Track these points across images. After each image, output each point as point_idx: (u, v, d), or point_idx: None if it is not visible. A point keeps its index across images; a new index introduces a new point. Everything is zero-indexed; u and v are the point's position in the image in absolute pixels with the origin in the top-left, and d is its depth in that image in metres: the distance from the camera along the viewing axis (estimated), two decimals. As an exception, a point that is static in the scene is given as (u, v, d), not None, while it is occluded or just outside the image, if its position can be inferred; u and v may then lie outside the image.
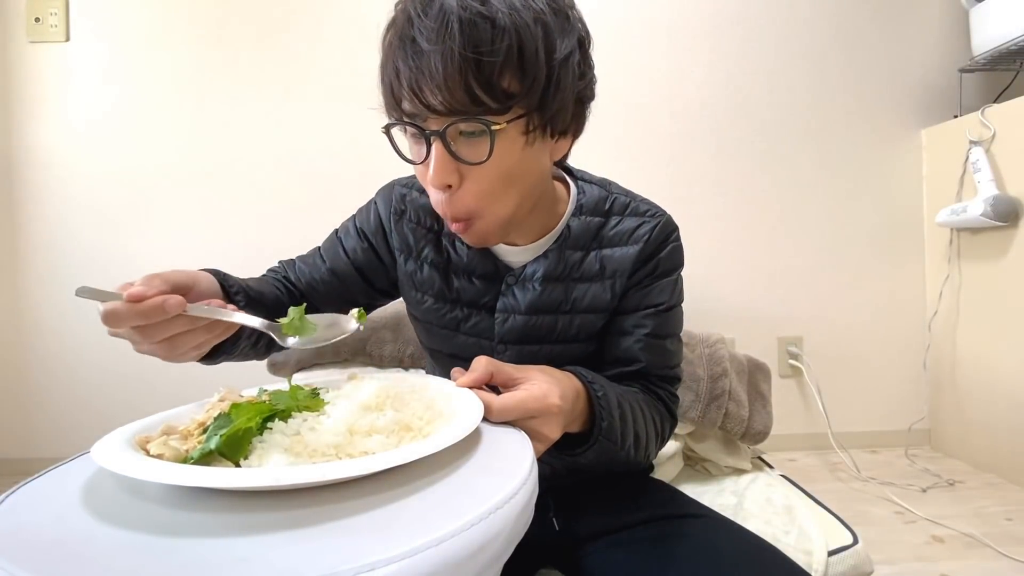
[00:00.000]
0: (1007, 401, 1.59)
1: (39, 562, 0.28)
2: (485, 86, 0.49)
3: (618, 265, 0.66)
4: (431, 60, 0.49)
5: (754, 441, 1.12)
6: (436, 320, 0.70)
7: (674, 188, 1.85)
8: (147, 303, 0.44)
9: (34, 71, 1.78)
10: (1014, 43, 1.60)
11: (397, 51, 0.52)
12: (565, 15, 0.54)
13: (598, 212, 0.68)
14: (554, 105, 0.53)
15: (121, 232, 1.79)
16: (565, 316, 0.66)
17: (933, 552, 1.26)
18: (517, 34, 0.49)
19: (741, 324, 1.85)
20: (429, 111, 0.51)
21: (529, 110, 0.52)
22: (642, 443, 0.62)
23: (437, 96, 0.50)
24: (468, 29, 0.48)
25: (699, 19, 1.84)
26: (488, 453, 0.41)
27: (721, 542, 0.59)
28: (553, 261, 0.66)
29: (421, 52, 0.49)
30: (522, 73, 0.51)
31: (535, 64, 0.51)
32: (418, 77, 0.50)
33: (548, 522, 0.68)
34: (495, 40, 0.49)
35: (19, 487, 0.38)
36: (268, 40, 1.80)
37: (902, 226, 1.89)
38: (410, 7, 0.51)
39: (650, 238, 0.66)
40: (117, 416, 1.92)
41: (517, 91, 0.51)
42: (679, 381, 0.71)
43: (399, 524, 0.31)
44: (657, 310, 0.67)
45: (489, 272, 0.68)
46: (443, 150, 0.52)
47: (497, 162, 0.53)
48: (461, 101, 0.50)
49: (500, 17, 0.49)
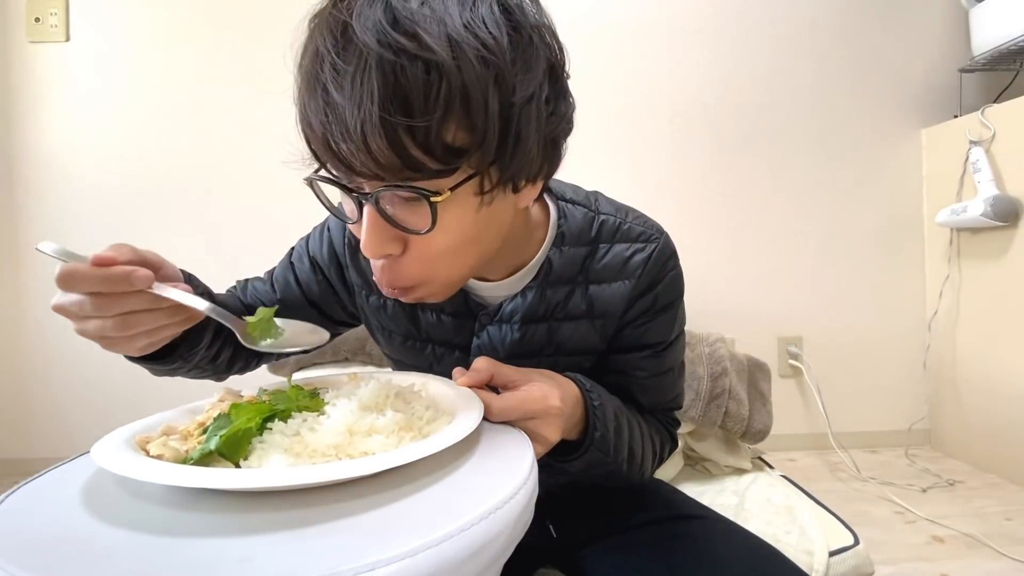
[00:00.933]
0: (1007, 401, 1.59)
1: (39, 562, 0.28)
2: (422, 146, 0.38)
3: (608, 305, 0.58)
4: (346, 117, 0.38)
5: (754, 440, 1.12)
6: (408, 358, 0.64)
7: (674, 188, 1.85)
8: (114, 269, 0.39)
9: (34, 71, 1.78)
10: (1014, 43, 1.60)
11: (305, 96, 0.41)
12: (528, 39, 0.42)
13: (583, 241, 0.58)
14: (515, 158, 0.42)
15: (121, 232, 1.79)
16: (548, 359, 0.59)
17: (933, 552, 1.26)
18: (460, 77, 0.38)
19: (741, 324, 1.85)
20: (353, 173, 0.41)
21: (481, 168, 0.42)
22: (636, 459, 0.59)
23: (358, 158, 0.39)
24: (392, 77, 0.37)
25: (699, 19, 1.84)
26: (488, 453, 0.41)
27: (721, 543, 0.59)
28: (534, 300, 0.57)
29: (332, 105, 0.38)
30: (470, 125, 0.39)
31: (484, 114, 0.39)
32: (332, 134, 0.39)
33: (545, 528, 0.67)
34: (430, 89, 0.37)
35: (19, 487, 0.38)
36: (268, 40, 1.80)
37: (902, 226, 1.89)
38: (318, 37, 0.40)
39: (644, 270, 0.57)
40: (117, 416, 1.92)
41: (465, 144, 0.40)
42: (680, 408, 0.68)
43: (399, 524, 0.31)
44: (655, 351, 0.60)
45: (459, 309, 0.59)
46: (376, 217, 0.42)
47: (445, 230, 0.43)
48: (390, 165, 0.39)
49: (435, 56, 0.37)
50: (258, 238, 1.81)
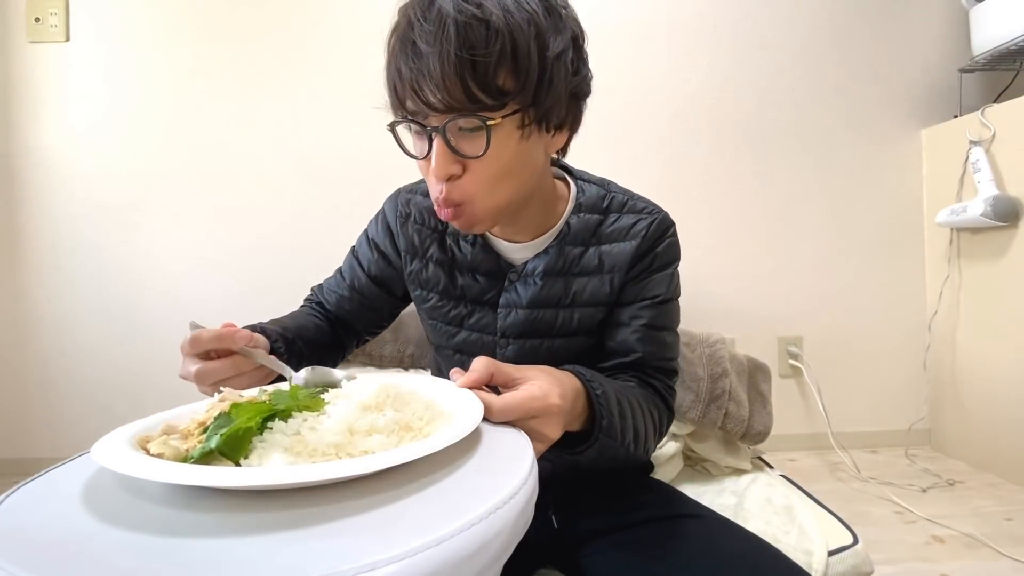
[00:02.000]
0: (1007, 401, 1.59)
1: (39, 562, 0.28)
2: (481, 84, 0.52)
3: (616, 260, 0.68)
4: (430, 61, 0.52)
5: (754, 441, 1.12)
6: (440, 317, 0.73)
7: (674, 188, 1.85)
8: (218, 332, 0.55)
9: (34, 71, 1.78)
10: (1014, 43, 1.60)
11: (399, 53, 0.55)
12: (558, 15, 0.57)
13: (597, 210, 0.70)
14: (548, 101, 0.56)
15: (121, 232, 1.79)
16: (565, 310, 0.68)
17: (933, 552, 1.26)
18: (511, 34, 0.52)
19: (741, 324, 1.85)
20: (429, 109, 0.54)
21: (524, 106, 0.55)
22: (641, 438, 0.62)
23: (436, 95, 0.53)
24: (464, 32, 0.51)
25: (699, 19, 1.84)
26: (488, 453, 0.41)
27: (721, 542, 0.59)
28: (554, 257, 0.68)
29: (420, 54, 0.52)
30: (516, 71, 0.54)
31: (528, 62, 0.54)
32: (418, 77, 0.53)
33: (547, 520, 0.68)
34: (489, 41, 0.52)
35: (19, 487, 0.38)
36: (268, 39, 1.80)
37: (902, 226, 1.89)
38: (410, 12, 0.54)
39: (647, 234, 0.68)
40: (117, 416, 1.93)
41: (512, 88, 0.54)
42: (676, 375, 0.71)
43: (399, 524, 0.31)
44: (653, 302, 0.68)
45: (492, 269, 0.70)
46: (443, 145, 0.55)
47: (494, 155, 0.56)
48: (458, 99, 0.53)
49: (494, 19, 0.52)
50: (258, 237, 1.81)
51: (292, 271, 1.80)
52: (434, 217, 0.72)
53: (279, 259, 1.81)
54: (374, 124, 0.59)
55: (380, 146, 0.58)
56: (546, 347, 0.69)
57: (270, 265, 1.81)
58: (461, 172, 0.57)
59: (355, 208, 1.81)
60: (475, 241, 0.70)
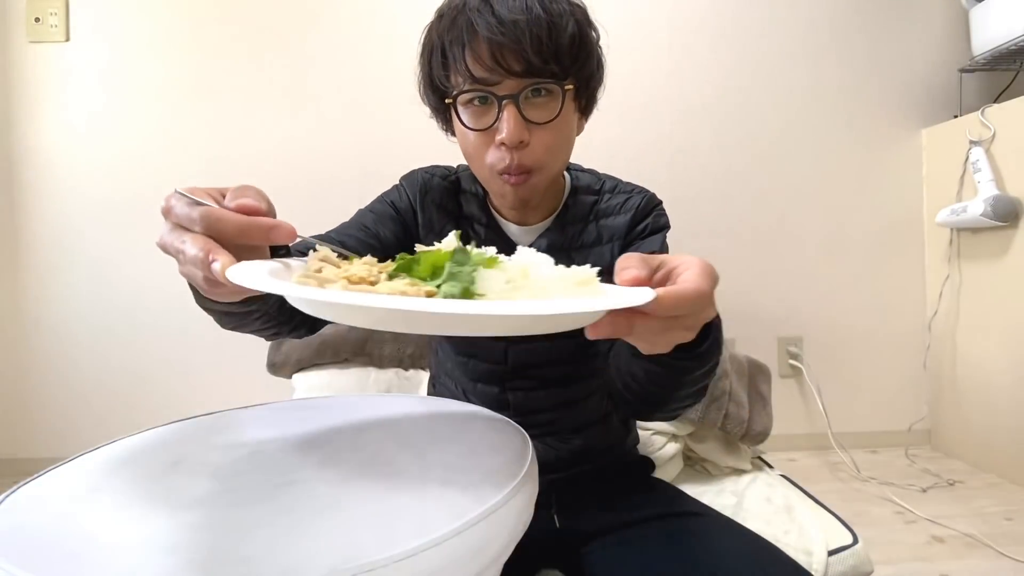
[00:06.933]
0: (1007, 401, 1.59)
1: (39, 562, 0.28)
2: (558, 52, 0.59)
3: (614, 231, 0.73)
4: (517, 27, 0.57)
5: (754, 442, 1.12)
6: None
7: (674, 188, 1.85)
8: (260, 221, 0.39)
9: (34, 71, 1.78)
10: (1014, 43, 1.60)
11: (477, 22, 0.58)
12: None
13: (591, 191, 0.76)
14: (593, 82, 0.66)
15: (121, 232, 1.79)
16: None
17: (933, 552, 1.26)
18: (576, 18, 0.61)
19: (741, 324, 1.85)
20: (508, 74, 0.58)
21: (579, 82, 0.64)
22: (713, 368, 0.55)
23: (519, 60, 0.58)
24: (547, 5, 0.59)
25: (699, 19, 1.84)
26: (488, 453, 0.41)
27: (721, 540, 0.60)
28: (556, 234, 0.73)
29: (505, 21, 0.57)
30: (580, 49, 0.62)
31: (588, 43, 0.63)
32: (502, 43, 0.57)
33: (549, 520, 0.68)
34: (565, 18, 0.60)
35: (19, 487, 0.38)
36: (268, 39, 1.80)
37: (902, 226, 1.89)
38: None
39: (640, 206, 0.74)
40: (117, 416, 1.93)
41: (573, 64, 0.61)
42: None
43: (399, 524, 0.31)
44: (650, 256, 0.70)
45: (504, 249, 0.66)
46: (516, 112, 0.60)
47: (560, 123, 0.62)
48: (538, 65, 0.58)
49: (564, 5, 0.61)
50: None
51: (292, 271, 1.80)
52: (451, 200, 0.76)
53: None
54: (375, 125, 0.59)
55: (381, 147, 0.58)
56: None
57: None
58: (528, 140, 0.61)
59: (355, 208, 1.81)
60: (488, 225, 0.74)
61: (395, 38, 1.79)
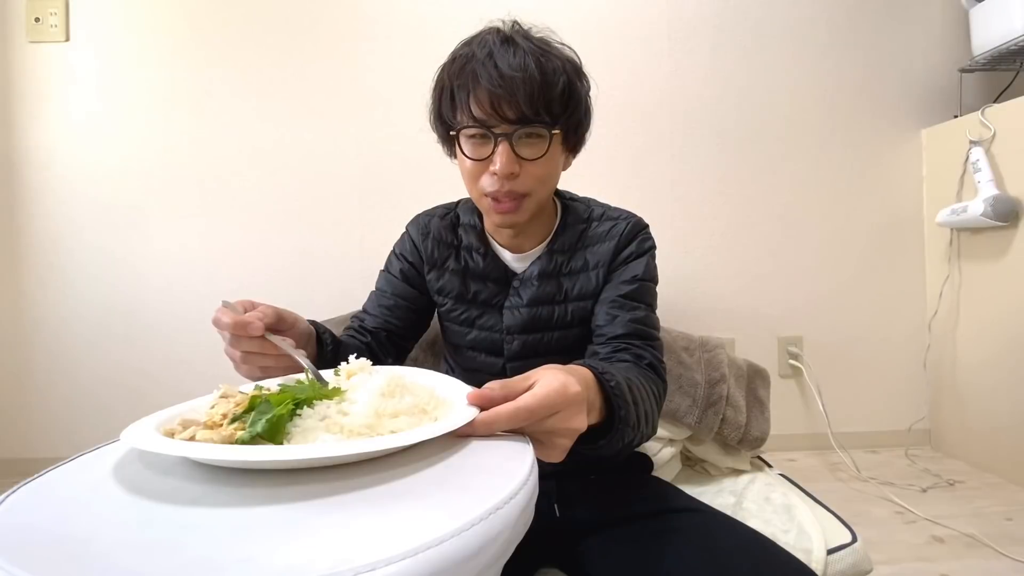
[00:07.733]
0: (1007, 401, 1.59)
1: (39, 562, 0.28)
2: (548, 105, 0.69)
3: (600, 257, 0.80)
4: (513, 83, 0.67)
5: (751, 447, 1.11)
6: (455, 319, 0.84)
7: (674, 188, 1.85)
8: (241, 318, 0.59)
9: (34, 71, 1.78)
10: (1014, 43, 1.60)
11: (480, 74, 0.68)
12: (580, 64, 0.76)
13: (580, 220, 0.83)
14: (581, 128, 0.76)
15: (121, 232, 1.79)
16: (560, 306, 0.79)
17: (933, 552, 1.26)
18: (567, 74, 0.71)
19: (741, 324, 1.85)
20: (503, 120, 0.69)
21: (567, 128, 0.73)
22: (650, 420, 0.63)
23: (513, 109, 0.68)
24: (542, 64, 0.68)
25: (700, 19, 1.84)
26: (488, 453, 0.41)
27: (719, 536, 0.60)
28: (547, 261, 0.80)
29: (504, 76, 0.67)
30: (569, 100, 0.71)
31: (577, 95, 0.73)
32: (500, 94, 0.67)
33: (550, 509, 0.69)
34: (557, 75, 0.69)
35: (19, 487, 0.38)
36: (268, 39, 1.80)
37: (902, 226, 1.89)
38: (491, 43, 0.70)
39: (624, 232, 0.80)
40: (117, 416, 1.93)
41: (562, 113, 0.71)
42: (662, 346, 0.77)
43: (399, 524, 0.31)
44: (632, 281, 0.78)
45: (500, 276, 0.82)
46: (509, 149, 0.69)
47: (546, 160, 0.71)
48: (530, 115, 0.68)
49: (558, 63, 0.70)
50: (257, 237, 1.81)
51: (292, 272, 1.80)
52: (451, 234, 0.85)
53: (279, 259, 1.81)
54: (375, 126, 0.59)
55: (381, 147, 0.60)
56: (546, 340, 0.79)
57: (270, 265, 1.81)
58: (518, 172, 0.70)
59: (355, 209, 1.81)
60: (486, 253, 0.82)
61: (394, 41, 1.79)
